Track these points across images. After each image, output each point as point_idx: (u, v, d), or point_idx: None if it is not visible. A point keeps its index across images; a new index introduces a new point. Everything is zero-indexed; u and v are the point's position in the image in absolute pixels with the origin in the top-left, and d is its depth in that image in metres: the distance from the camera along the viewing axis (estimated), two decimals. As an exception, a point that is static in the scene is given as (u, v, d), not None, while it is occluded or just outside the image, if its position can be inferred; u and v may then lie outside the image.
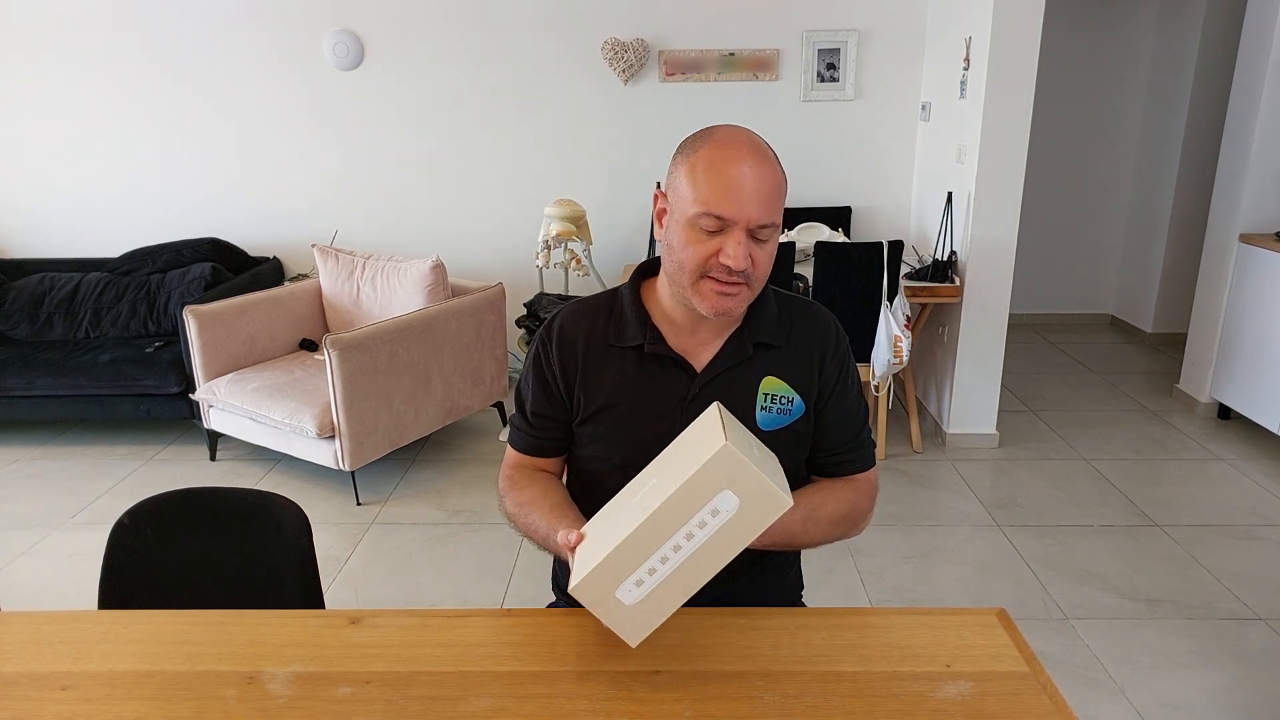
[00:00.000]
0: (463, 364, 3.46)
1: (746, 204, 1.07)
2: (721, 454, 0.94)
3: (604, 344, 1.24)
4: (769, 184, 1.09)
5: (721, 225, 1.08)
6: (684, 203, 1.11)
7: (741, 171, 1.08)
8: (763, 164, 1.10)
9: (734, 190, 1.07)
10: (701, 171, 1.09)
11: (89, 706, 1.01)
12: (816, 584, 2.60)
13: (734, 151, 1.09)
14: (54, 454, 3.64)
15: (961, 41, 3.45)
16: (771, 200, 1.09)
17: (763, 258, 1.11)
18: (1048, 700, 1.00)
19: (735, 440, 0.96)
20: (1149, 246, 5.03)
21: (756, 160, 1.09)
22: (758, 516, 0.96)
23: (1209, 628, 2.38)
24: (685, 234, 1.11)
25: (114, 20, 4.02)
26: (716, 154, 1.09)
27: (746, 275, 1.11)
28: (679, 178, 1.12)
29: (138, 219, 4.29)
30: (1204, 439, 3.63)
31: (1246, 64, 3.61)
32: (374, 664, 1.07)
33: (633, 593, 0.98)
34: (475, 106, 4.12)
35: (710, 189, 1.08)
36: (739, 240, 1.08)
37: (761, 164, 1.09)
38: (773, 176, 1.10)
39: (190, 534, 1.46)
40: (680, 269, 1.13)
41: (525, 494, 1.26)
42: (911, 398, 3.65)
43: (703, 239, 1.10)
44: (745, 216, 1.07)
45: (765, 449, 1.09)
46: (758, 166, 1.09)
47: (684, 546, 0.97)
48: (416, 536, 2.94)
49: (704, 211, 1.08)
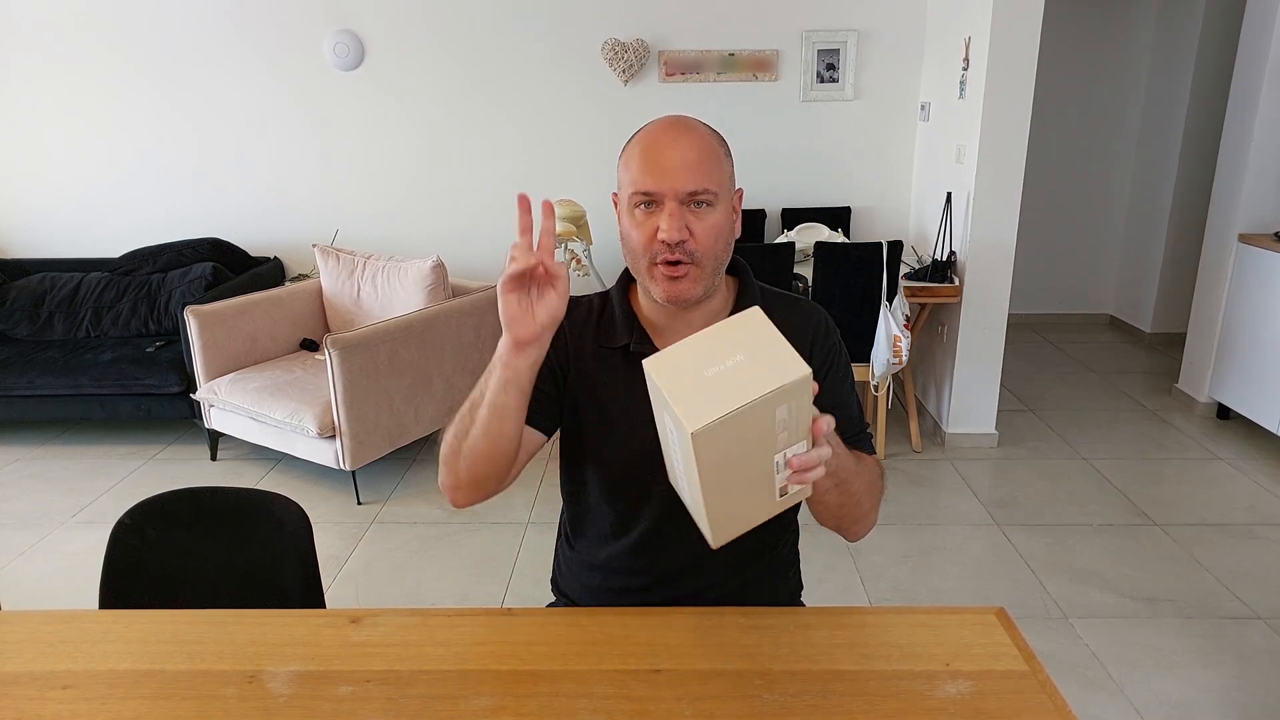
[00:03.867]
0: (463, 364, 3.46)
1: (670, 174, 1.09)
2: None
3: (594, 345, 1.25)
4: (694, 151, 1.10)
5: (652, 199, 1.11)
6: (624, 189, 1.15)
7: (663, 145, 1.11)
8: (686, 135, 1.12)
9: (658, 163, 1.10)
10: (634, 154, 1.13)
11: (89, 706, 1.01)
12: (816, 584, 2.60)
13: (657, 130, 1.13)
14: (55, 453, 3.64)
15: (961, 42, 3.46)
16: (700, 167, 1.10)
17: (702, 229, 1.11)
18: (1047, 699, 1.00)
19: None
20: (1148, 246, 5.03)
21: (678, 133, 1.12)
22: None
23: (1208, 627, 2.39)
24: (628, 220, 1.14)
25: (115, 20, 4.03)
26: (642, 138, 1.14)
27: (689, 251, 1.11)
28: (620, 171, 1.16)
29: (139, 219, 4.30)
30: (1203, 438, 3.63)
31: (1246, 64, 3.61)
32: (374, 663, 1.07)
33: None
34: (475, 106, 4.12)
35: (637, 168, 1.11)
36: (671, 212, 1.10)
37: (685, 135, 1.11)
38: (698, 144, 1.11)
39: (191, 533, 1.46)
40: (633, 258, 1.16)
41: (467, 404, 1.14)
42: (911, 397, 3.65)
43: (641, 220, 1.12)
44: (671, 187, 1.09)
45: None
46: (680, 137, 1.11)
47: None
48: (417, 536, 2.94)
49: (634, 191, 1.12)
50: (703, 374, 0.90)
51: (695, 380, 0.89)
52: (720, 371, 0.90)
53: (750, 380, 0.89)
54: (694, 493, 0.95)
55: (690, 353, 0.92)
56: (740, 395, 0.87)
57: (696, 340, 0.93)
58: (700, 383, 0.89)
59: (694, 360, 0.91)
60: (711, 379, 0.89)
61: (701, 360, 0.91)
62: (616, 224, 1.19)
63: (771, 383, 0.88)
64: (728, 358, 0.91)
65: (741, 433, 0.89)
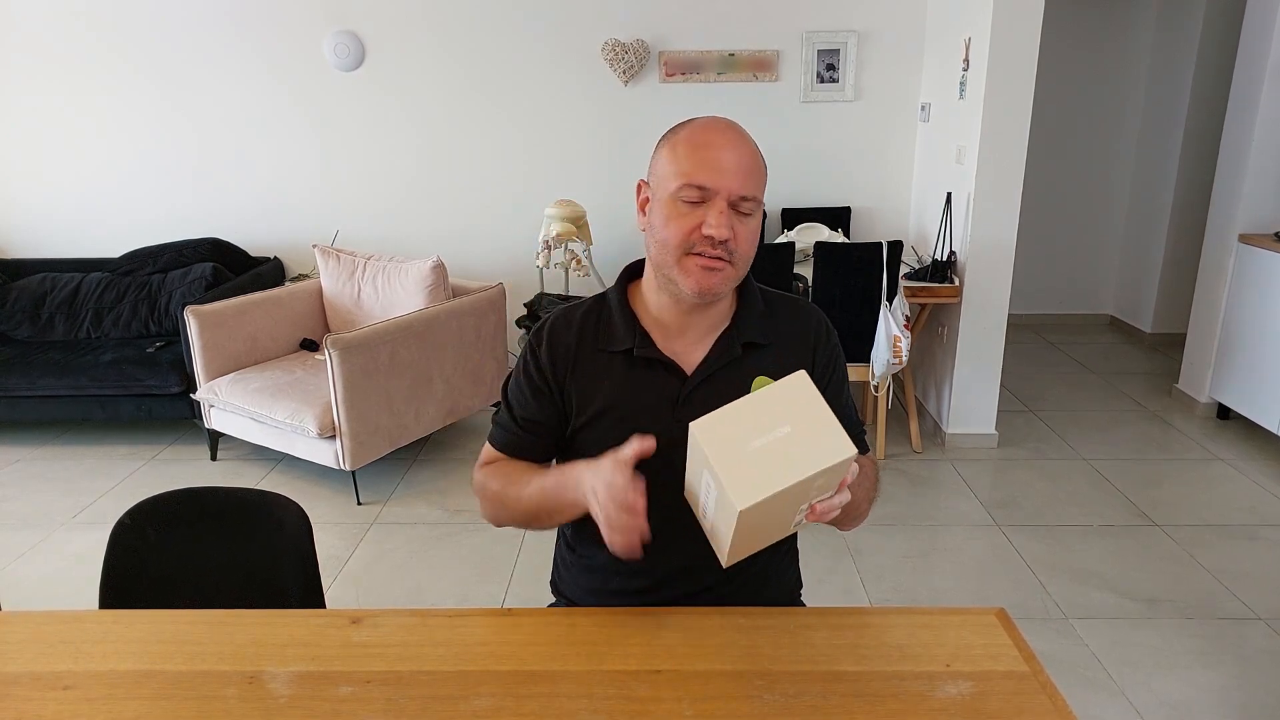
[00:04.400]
0: (463, 364, 3.46)
1: (727, 174, 1.10)
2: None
3: (594, 349, 1.24)
4: (749, 159, 1.12)
5: (703, 196, 1.10)
6: (665, 180, 1.13)
7: (722, 144, 1.11)
8: (743, 141, 1.13)
9: (714, 161, 1.10)
10: (682, 147, 1.12)
11: (89, 706, 1.01)
12: (816, 584, 2.60)
13: (714, 128, 1.13)
14: (55, 454, 3.64)
15: (961, 42, 3.46)
16: (751, 174, 1.12)
17: (745, 233, 1.13)
18: (1047, 700, 1.00)
19: None
20: (1148, 246, 5.03)
21: (736, 136, 1.13)
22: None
23: (1209, 627, 2.39)
24: (668, 210, 1.13)
25: (115, 20, 4.03)
26: (697, 131, 1.13)
27: (730, 251, 1.12)
28: (660, 161, 1.15)
29: (139, 219, 4.30)
30: (1203, 439, 3.63)
31: (1246, 65, 3.61)
32: (374, 664, 1.07)
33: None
34: (476, 107, 4.12)
35: (691, 162, 1.11)
36: (721, 209, 1.10)
37: (742, 141, 1.13)
38: (752, 154, 1.13)
39: (191, 534, 1.46)
40: (664, 248, 1.14)
41: (511, 466, 1.24)
42: (911, 398, 3.65)
43: (685, 212, 1.12)
44: (726, 186, 1.10)
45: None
46: (737, 142, 1.12)
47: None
48: (417, 536, 2.94)
49: (685, 183, 1.10)
50: (750, 445, 0.92)
51: (743, 452, 0.92)
52: (767, 444, 0.92)
53: (798, 457, 0.91)
54: (722, 533, 0.98)
55: (737, 419, 0.94)
56: (787, 474, 0.90)
57: (743, 406, 0.96)
58: (747, 455, 0.91)
59: (741, 428, 0.93)
60: (758, 451, 0.91)
61: (748, 429, 0.93)
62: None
63: (819, 463, 0.91)
64: (775, 429, 0.93)
65: (782, 501, 0.92)
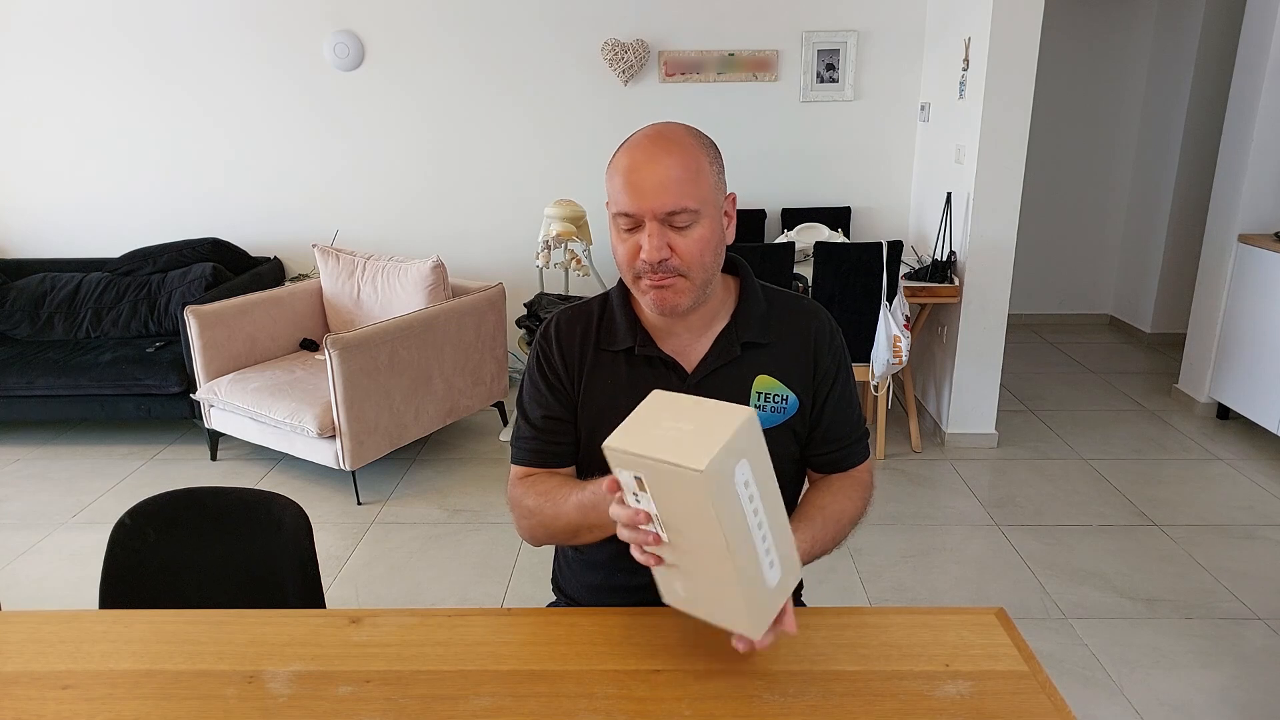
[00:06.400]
0: (463, 364, 3.46)
1: (648, 195, 1.09)
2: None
3: (596, 348, 1.25)
4: (674, 170, 1.09)
5: (633, 222, 1.12)
6: (610, 207, 1.16)
7: (640, 165, 1.10)
8: (666, 152, 1.10)
9: (637, 185, 1.10)
10: (615, 175, 1.13)
11: (89, 706, 1.01)
12: (816, 584, 2.60)
13: (637, 148, 1.12)
14: (55, 453, 3.64)
15: (960, 42, 3.46)
16: (678, 186, 1.09)
17: (686, 245, 1.12)
18: (1046, 700, 1.00)
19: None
20: (1148, 246, 5.03)
21: (659, 150, 1.10)
22: None
23: (1208, 627, 2.39)
24: (614, 236, 1.16)
25: (115, 21, 4.03)
26: (623, 155, 1.13)
27: (673, 266, 1.12)
28: (607, 185, 1.16)
29: (138, 219, 4.30)
30: (1203, 439, 3.63)
31: (1246, 64, 3.61)
32: (374, 663, 1.07)
33: (772, 570, 0.96)
34: (475, 107, 4.12)
35: (618, 188, 1.12)
36: (651, 233, 1.10)
37: (665, 153, 1.10)
38: (679, 162, 1.09)
39: (191, 533, 1.46)
40: (622, 270, 1.18)
41: (545, 484, 1.21)
42: (911, 398, 3.65)
43: (625, 238, 1.14)
44: (648, 208, 1.09)
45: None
46: (659, 157, 1.10)
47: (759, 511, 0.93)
48: (417, 536, 2.94)
49: (617, 211, 1.13)
50: (666, 429, 0.92)
51: (667, 435, 0.91)
52: (673, 429, 0.92)
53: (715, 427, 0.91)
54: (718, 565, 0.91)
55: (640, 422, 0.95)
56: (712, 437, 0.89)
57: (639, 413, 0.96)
58: (669, 436, 0.91)
59: (648, 424, 0.94)
60: (679, 431, 0.91)
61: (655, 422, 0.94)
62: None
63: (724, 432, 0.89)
64: (678, 423, 0.92)
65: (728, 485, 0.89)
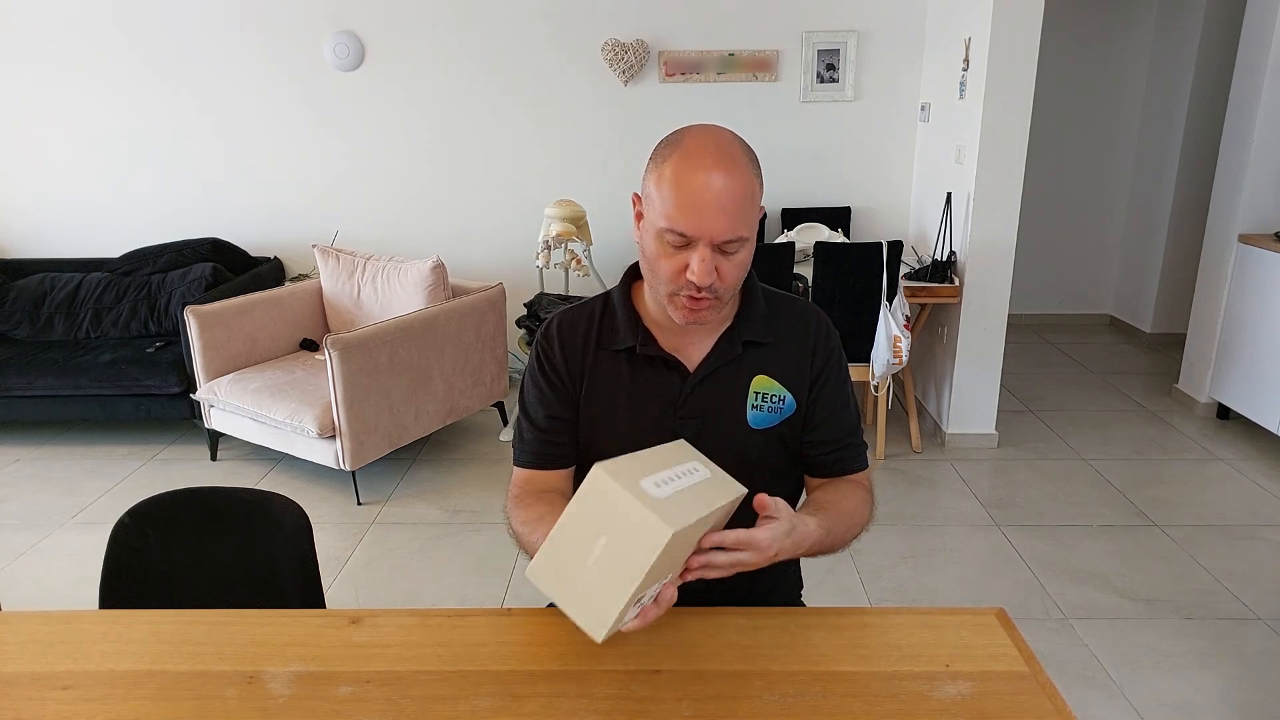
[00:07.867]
0: (463, 364, 3.46)
1: (708, 220, 1.06)
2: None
3: (597, 347, 1.25)
4: (734, 196, 1.07)
5: (686, 241, 1.09)
6: (654, 214, 1.11)
7: (705, 186, 1.06)
8: (729, 174, 1.07)
9: (697, 207, 1.06)
10: (667, 184, 1.08)
11: (89, 706, 1.01)
12: (816, 584, 2.60)
13: (699, 163, 1.07)
14: (55, 454, 3.64)
15: (961, 42, 3.46)
16: (737, 213, 1.07)
17: (730, 269, 1.11)
18: (1047, 700, 1.00)
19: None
20: (1148, 246, 5.03)
21: (721, 172, 1.06)
22: None
23: (1208, 628, 2.39)
24: (656, 246, 1.12)
25: (115, 21, 4.03)
26: (681, 166, 1.07)
27: (716, 289, 1.11)
28: (650, 186, 1.11)
29: (138, 219, 4.30)
30: (1203, 439, 3.63)
31: (1246, 64, 3.61)
32: (374, 664, 1.07)
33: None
34: (475, 107, 4.12)
35: (674, 203, 1.07)
36: (704, 257, 1.08)
37: (727, 174, 1.06)
38: (739, 188, 1.07)
39: (191, 534, 1.46)
40: (654, 279, 1.15)
41: (532, 511, 1.22)
42: (911, 398, 3.65)
43: (671, 253, 1.11)
44: (708, 233, 1.07)
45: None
46: (722, 179, 1.06)
47: None
48: (417, 536, 2.94)
49: (668, 227, 1.08)
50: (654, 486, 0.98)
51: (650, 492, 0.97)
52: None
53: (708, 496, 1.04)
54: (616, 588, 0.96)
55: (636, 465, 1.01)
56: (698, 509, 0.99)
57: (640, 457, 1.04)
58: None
59: (638, 473, 0.99)
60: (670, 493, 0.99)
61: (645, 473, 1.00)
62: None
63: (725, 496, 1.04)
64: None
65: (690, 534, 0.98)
